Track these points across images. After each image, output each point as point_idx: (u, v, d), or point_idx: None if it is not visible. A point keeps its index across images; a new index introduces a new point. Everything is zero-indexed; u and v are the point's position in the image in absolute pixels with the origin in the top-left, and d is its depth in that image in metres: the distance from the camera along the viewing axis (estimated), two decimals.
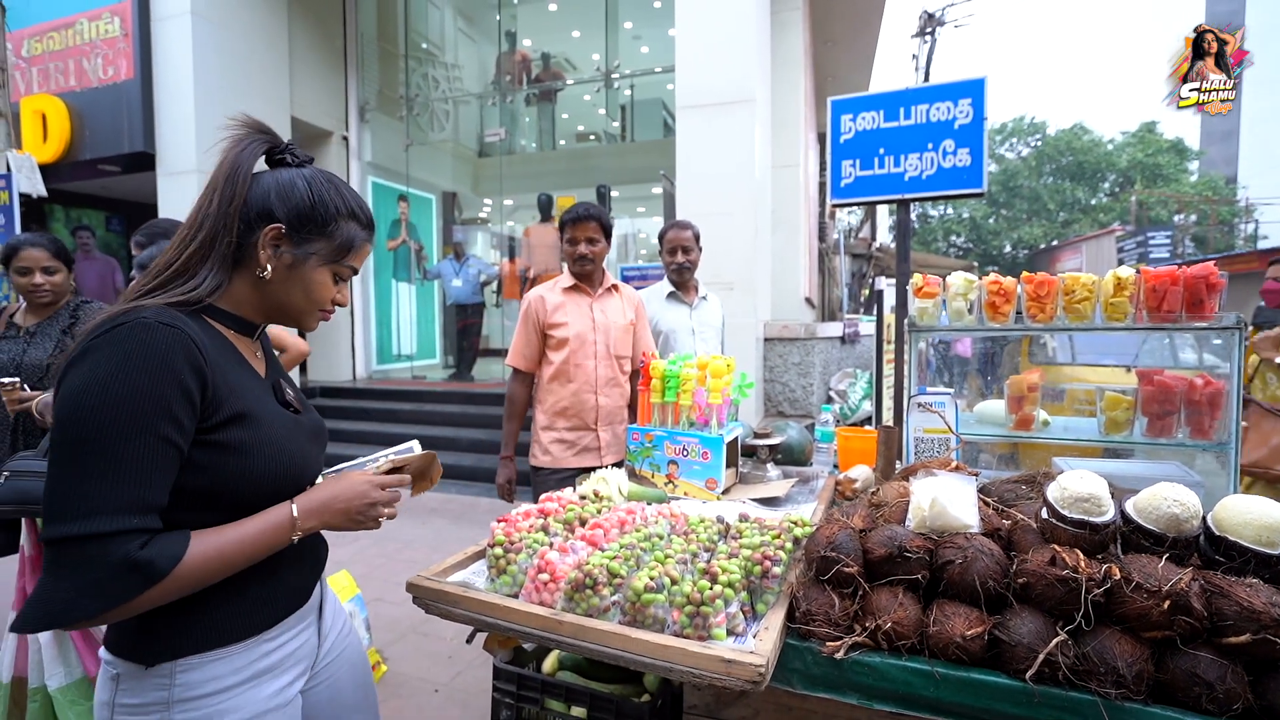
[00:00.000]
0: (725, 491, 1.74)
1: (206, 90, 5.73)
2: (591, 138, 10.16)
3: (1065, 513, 0.93)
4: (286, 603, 0.94)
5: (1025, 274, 1.55)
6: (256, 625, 0.90)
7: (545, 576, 1.09)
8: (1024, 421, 1.66)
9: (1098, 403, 1.57)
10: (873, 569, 1.01)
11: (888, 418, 3.54)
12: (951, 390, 1.52)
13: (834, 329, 5.97)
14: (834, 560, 1.00)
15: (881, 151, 3.83)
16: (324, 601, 1.07)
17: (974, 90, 3.47)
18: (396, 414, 6.67)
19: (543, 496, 1.46)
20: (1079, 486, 0.92)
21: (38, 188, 4.92)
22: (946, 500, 1.02)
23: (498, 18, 9.07)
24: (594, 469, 2.26)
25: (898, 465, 1.57)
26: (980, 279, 1.59)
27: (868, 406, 5.01)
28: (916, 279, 1.61)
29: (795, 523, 1.26)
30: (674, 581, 1.03)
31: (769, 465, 1.89)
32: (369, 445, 6.29)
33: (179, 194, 5.80)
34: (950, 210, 31.18)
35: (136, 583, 0.73)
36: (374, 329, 8.17)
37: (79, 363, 0.76)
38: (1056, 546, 0.91)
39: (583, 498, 1.56)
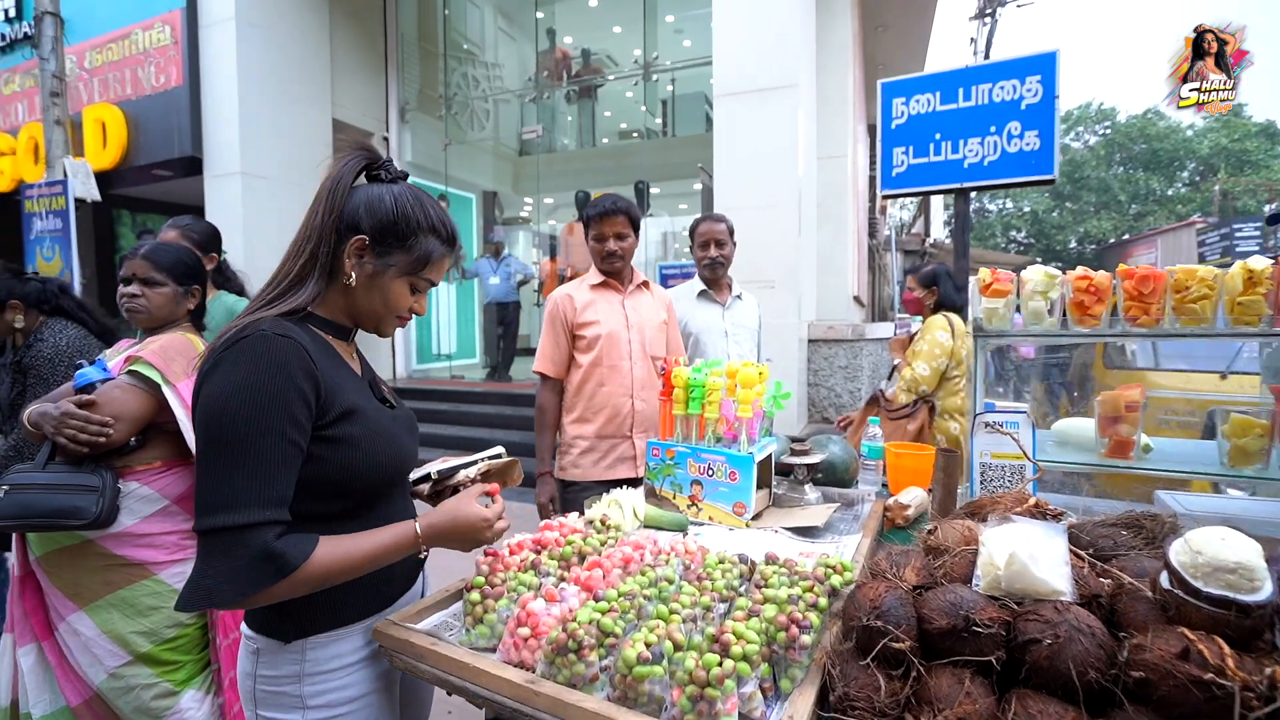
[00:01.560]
0: (756, 517, 1.53)
1: (250, 94, 5.82)
2: (634, 135, 10.00)
3: (1200, 586, 0.69)
4: (396, 588, 1.07)
5: (1123, 268, 1.28)
6: (372, 608, 1.02)
7: (525, 631, 0.91)
8: (1120, 447, 1.38)
9: (1219, 425, 1.28)
10: (931, 643, 0.79)
11: None
12: (1026, 407, 1.27)
13: (884, 330, 5.63)
14: (880, 632, 0.78)
15: (938, 137, 3.52)
16: (424, 591, 1.19)
17: (1043, 66, 3.14)
18: (435, 414, 6.66)
19: (541, 524, 1.28)
20: (1221, 551, 0.68)
21: (91, 192, 5.07)
22: (1028, 556, 0.79)
23: (539, 15, 9.01)
24: (628, 481, 2.08)
25: (960, 496, 1.33)
26: (1064, 273, 1.33)
27: None
28: (984, 274, 1.36)
29: (832, 568, 1.04)
30: (677, 648, 0.84)
31: (807, 487, 1.67)
32: None
33: (223, 196, 5.92)
34: (1009, 203, 29.73)
35: (270, 573, 0.82)
36: (414, 328, 8.22)
37: (211, 374, 0.86)
38: (1188, 631, 0.67)
39: (589, 523, 1.39)
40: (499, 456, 1.27)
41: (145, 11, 6.17)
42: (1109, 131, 28.44)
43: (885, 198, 3.26)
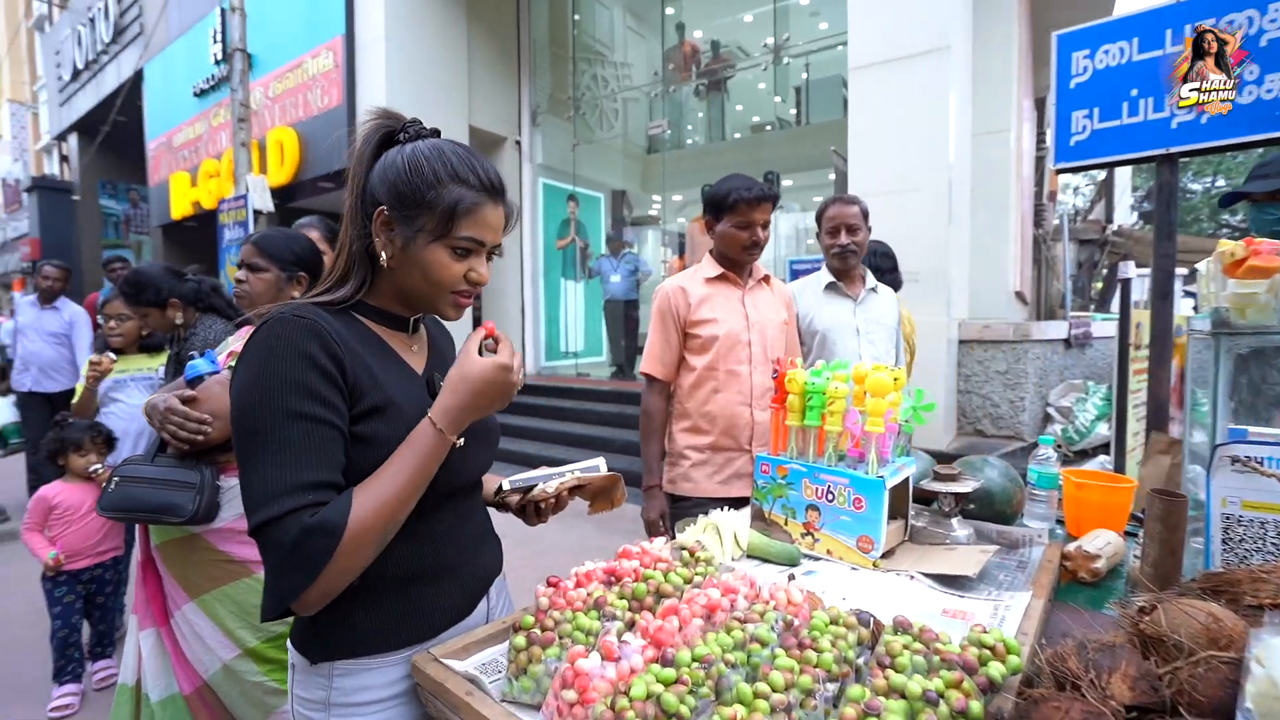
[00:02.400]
0: (886, 555, 1.25)
1: (396, 107, 6.18)
2: (767, 127, 9.62)
3: None
4: (438, 619, 0.92)
5: None
6: (406, 639, 0.89)
7: (571, 695, 0.73)
8: None
9: None
10: None
11: (1133, 452, 2.65)
12: None
13: (1056, 329, 4.84)
14: None
15: (1134, 93, 2.87)
16: (491, 614, 1.03)
17: None
18: (561, 411, 6.78)
19: (621, 550, 1.10)
20: None
21: (266, 204, 5.71)
22: None
23: (668, 11, 8.92)
24: (745, 501, 1.86)
25: (1186, 561, 0.95)
26: None
27: (1103, 430, 3.91)
28: (1233, 247, 0.96)
29: (989, 650, 0.76)
30: None
31: (954, 521, 1.35)
32: (534, 441, 6.45)
33: None
34: (1221, 180, 25.09)
35: (319, 545, 0.73)
36: (543, 326, 8.47)
37: (236, 369, 0.81)
38: None
39: (679, 549, 1.19)
40: (595, 470, 1.09)
41: (314, 41, 6.88)
42: None
43: (1059, 172, 2.73)
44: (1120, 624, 0.79)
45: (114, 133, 11.32)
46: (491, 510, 1.14)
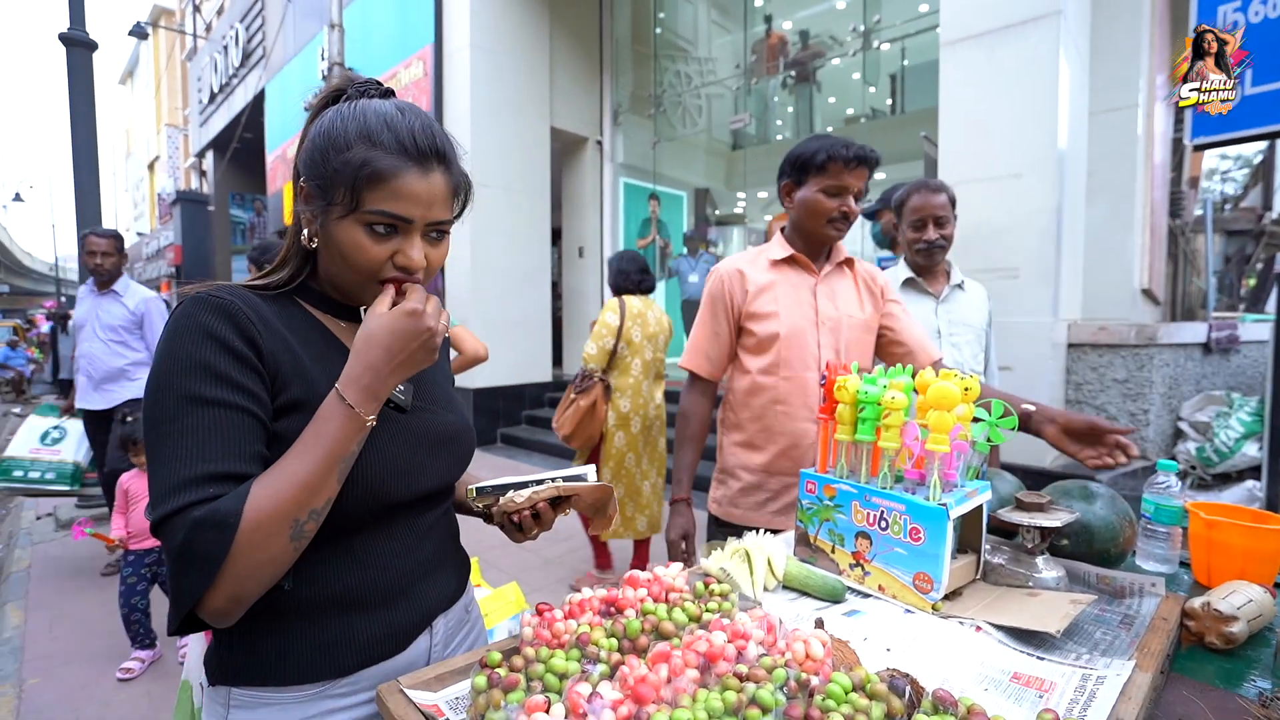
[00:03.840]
0: (950, 596, 1.06)
1: (480, 111, 6.44)
2: (862, 120, 9.14)
3: None
4: (352, 656, 0.79)
5: None
6: (314, 673, 0.76)
7: None
8: None
9: None
10: None
11: None
12: None
13: (1191, 332, 4.23)
14: None
15: None
16: (433, 658, 0.89)
17: None
18: None
19: (627, 576, 0.98)
20: None
21: None
22: None
23: (756, 3, 8.65)
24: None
25: None
26: None
27: (1250, 451, 3.33)
28: None
29: None
30: None
31: (1040, 560, 1.13)
32: None
33: None
34: None
35: (211, 540, 0.63)
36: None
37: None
38: None
39: (702, 575, 1.06)
40: (581, 479, 0.95)
41: (406, 52, 7.20)
42: None
43: (1198, 148, 2.35)
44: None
45: (241, 148, 12.47)
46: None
